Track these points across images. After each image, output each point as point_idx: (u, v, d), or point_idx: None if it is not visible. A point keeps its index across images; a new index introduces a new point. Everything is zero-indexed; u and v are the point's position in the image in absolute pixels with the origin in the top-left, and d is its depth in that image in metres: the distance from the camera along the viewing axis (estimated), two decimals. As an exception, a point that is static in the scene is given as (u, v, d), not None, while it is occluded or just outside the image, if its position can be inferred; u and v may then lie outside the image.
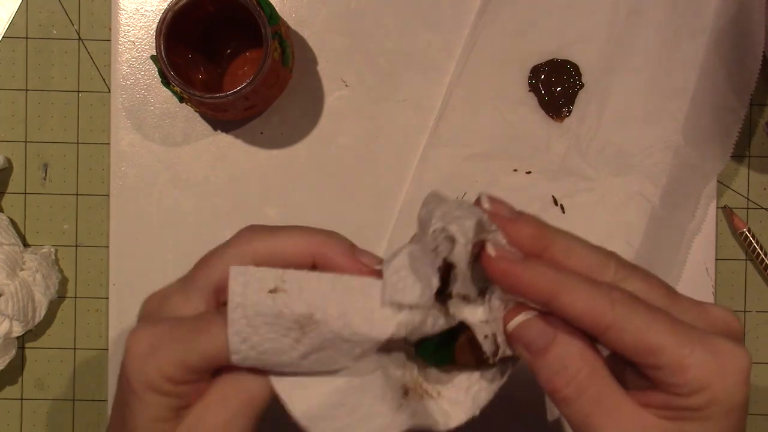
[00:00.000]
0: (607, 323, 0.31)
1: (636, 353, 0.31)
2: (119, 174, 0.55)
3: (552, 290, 0.31)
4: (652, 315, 0.31)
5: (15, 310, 0.53)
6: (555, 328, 0.32)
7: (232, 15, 0.51)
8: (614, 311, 0.31)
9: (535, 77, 0.55)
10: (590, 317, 0.31)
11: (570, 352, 0.32)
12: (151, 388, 0.33)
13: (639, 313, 0.31)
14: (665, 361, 0.31)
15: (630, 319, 0.31)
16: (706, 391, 0.31)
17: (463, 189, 0.55)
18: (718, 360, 0.31)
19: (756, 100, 0.56)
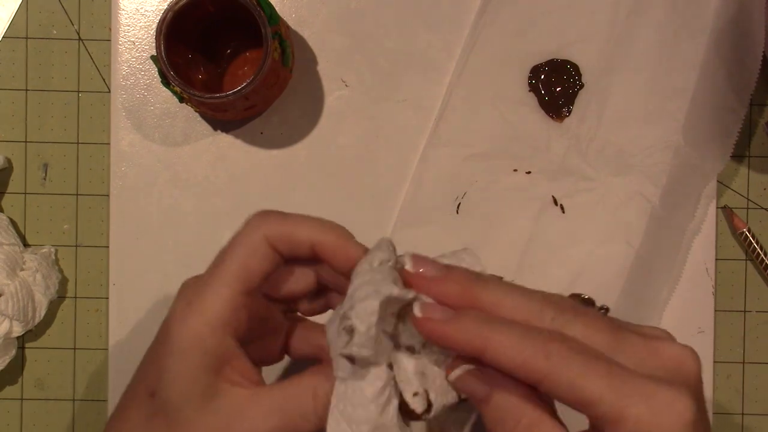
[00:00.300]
0: (542, 375, 0.30)
1: (573, 404, 0.31)
2: (119, 174, 0.55)
3: (481, 345, 0.31)
4: (589, 365, 0.30)
5: (15, 310, 0.53)
6: (492, 379, 0.32)
7: (232, 15, 0.51)
8: (549, 362, 0.30)
9: (535, 77, 0.55)
10: (523, 369, 0.31)
11: (508, 403, 0.32)
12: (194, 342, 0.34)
13: (575, 363, 0.30)
14: (602, 413, 0.30)
15: (565, 371, 0.30)
16: None
17: (463, 189, 0.55)
18: (656, 413, 0.30)
19: (756, 100, 0.56)
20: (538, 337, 0.31)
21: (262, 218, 0.36)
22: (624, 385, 0.30)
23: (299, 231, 0.36)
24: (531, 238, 0.55)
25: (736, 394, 0.56)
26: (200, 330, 0.34)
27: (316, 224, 0.36)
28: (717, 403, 0.56)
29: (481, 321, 0.32)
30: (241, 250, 0.36)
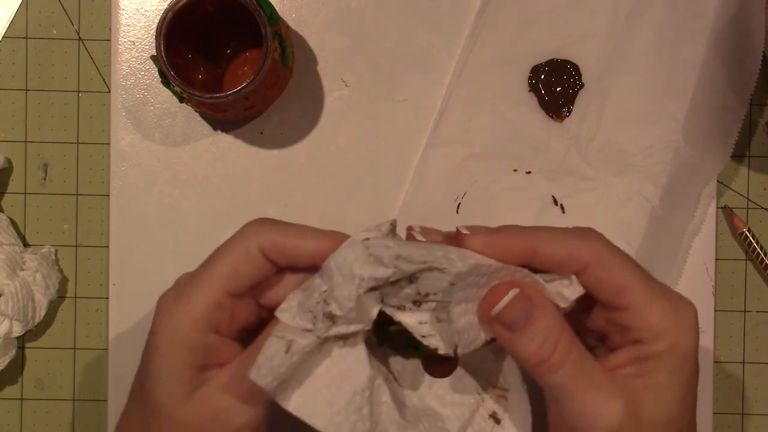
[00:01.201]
0: (587, 261, 0.34)
1: (609, 291, 0.34)
2: (119, 174, 0.55)
3: (531, 244, 0.34)
4: (626, 260, 0.34)
5: (15, 310, 0.53)
6: (532, 301, 0.34)
7: (232, 15, 0.51)
8: (593, 249, 0.34)
9: (535, 77, 0.55)
10: (572, 257, 0.34)
11: (550, 323, 0.34)
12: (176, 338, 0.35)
13: (615, 255, 0.34)
14: (632, 303, 0.34)
15: (607, 259, 0.34)
16: (666, 338, 0.33)
17: (463, 189, 0.55)
18: (676, 311, 0.34)
19: (756, 100, 0.56)
20: (576, 230, 0.35)
21: (258, 226, 0.36)
22: (652, 282, 0.34)
23: (295, 241, 0.36)
24: (531, 238, 0.55)
25: (736, 394, 0.56)
26: (183, 325, 0.35)
27: (312, 233, 0.36)
28: (717, 403, 0.56)
29: (524, 228, 0.35)
30: (233, 254, 0.36)
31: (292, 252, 0.35)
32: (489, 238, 0.34)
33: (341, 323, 0.34)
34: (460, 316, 0.35)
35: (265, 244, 0.35)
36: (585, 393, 0.33)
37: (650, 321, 0.34)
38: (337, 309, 0.34)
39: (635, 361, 0.34)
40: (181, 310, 0.35)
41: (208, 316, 0.35)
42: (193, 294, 0.35)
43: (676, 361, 0.34)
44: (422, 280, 0.34)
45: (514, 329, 0.34)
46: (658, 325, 0.34)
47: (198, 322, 0.35)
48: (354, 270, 0.33)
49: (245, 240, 0.36)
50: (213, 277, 0.35)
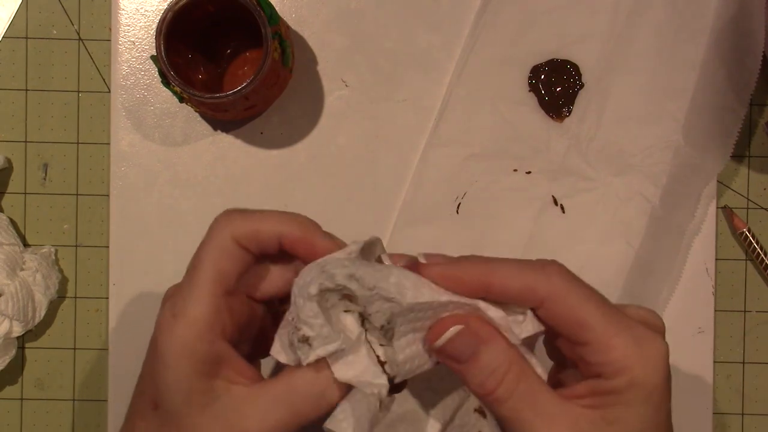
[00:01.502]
0: (544, 295, 0.33)
1: (567, 326, 0.33)
2: (119, 174, 0.55)
3: (487, 276, 0.34)
4: (587, 294, 0.34)
5: (15, 310, 0.53)
6: (478, 335, 0.34)
7: (232, 15, 0.51)
8: (551, 284, 0.33)
9: (535, 77, 0.55)
10: (527, 292, 0.33)
11: (497, 357, 0.34)
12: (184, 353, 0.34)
13: (574, 288, 0.34)
14: (592, 338, 0.33)
15: (566, 293, 0.33)
16: (627, 374, 0.33)
17: (463, 189, 0.55)
18: (639, 345, 0.33)
19: (756, 100, 0.56)
20: (536, 263, 0.34)
21: (226, 218, 0.37)
22: (615, 317, 0.33)
23: (263, 227, 0.36)
24: (531, 238, 0.55)
25: (736, 394, 0.56)
26: (188, 339, 0.35)
27: (279, 218, 0.36)
28: (717, 403, 0.56)
29: (483, 259, 0.34)
30: (213, 253, 0.36)
31: (264, 238, 0.36)
32: (444, 269, 0.34)
33: (317, 345, 0.34)
34: (405, 347, 0.35)
35: (237, 234, 0.36)
36: (532, 424, 0.33)
37: (611, 356, 0.33)
38: (308, 330, 0.34)
39: (594, 394, 0.34)
40: (182, 325, 0.35)
41: (211, 324, 0.35)
42: (188, 307, 0.35)
43: (638, 397, 0.33)
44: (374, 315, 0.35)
45: (460, 362, 0.34)
46: (618, 361, 0.33)
47: (203, 333, 0.35)
48: (310, 290, 0.34)
49: (218, 236, 0.36)
50: (201, 284, 0.35)
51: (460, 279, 0.34)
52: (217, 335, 0.35)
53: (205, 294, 0.35)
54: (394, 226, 0.55)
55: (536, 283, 0.34)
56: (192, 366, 0.34)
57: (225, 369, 0.35)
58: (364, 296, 0.34)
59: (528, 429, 0.33)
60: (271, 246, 0.36)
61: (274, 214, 0.37)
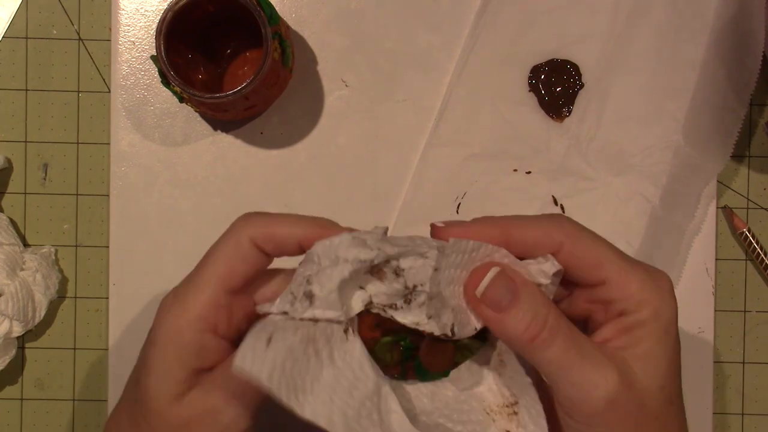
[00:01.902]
0: (560, 241, 0.35)
1: (586, 267, 0.35)
2: (119, 174, 0.55)
3: (505, 230, 0.35)
4: (597, 236, 0.36)
5: (15, 310, 0.53)
6: (516, 280, 0.35)
7: (232, 15, 0.51)
8: (564, 231, 0.35)
9: (535, 77, 0.55)
10: (545, 237, 0.35)
11: (536, 299, 0.34)
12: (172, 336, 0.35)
13: (586, 233, 0.35)
14: (610, 275, 0.34)
15: (579, 237, 0.35)
16: (647, 305, 0.34)
17: (463, 189, 0.55)
18: (654, 279, 0.35)
19: (756, 100, 0.56)
20: (546, 215, 0.36)
21: (246, 220, 0.37)
22: (624, 255, 0.35)
23: (281, 228, 0.36)
24: (531, 238, 0.55)
25: (736, 394, 0.56)
26: (179, 324, 0.35)
27: (298, 220, 0.37)
28: (717, 403, 0.56)
29: (498, 217, 0.36)
30: (227, 251, 0.36)
31: (282, 239, 0.36)
32: (463, 228, 0.35)
33: (318, 305, 0.34)
34: (450, 298, 0.35)
35: (255, 234, 0.36)
36: (579, 365, 0.33)
37: (630, 290, 0.34)
38: (318, 289, 0.34)
39: (621, 332, 0.35)
40: (179, 309, 0.35)
41: (206, 315, 0.35)
42: (189, 294, 0.36)
43: (661, 328, 0.34)
44: (408, 271, 0.35)
45: (500, 309, 0.34)
46: (639, 293, 0.34)
47: (195, 321, 0.35)
48: (339, 253, 0.34)
49: (236, 234, 0.36)
50: (208, 276, 0.36)
51: (480, 235, 0.35)
52: (208, 328, 0.35)
53: (207, 286, 0.35)
54: (394, 226, 0.55)
55: (552, 230, 0.35)
56: (175, 351, 0.35)
57: (210, 364, 0.36)
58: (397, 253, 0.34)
59: (575, 371, 0.33)
60: (289, 248, 0.36)
61: (293, 217, 0.37)
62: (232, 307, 0.36)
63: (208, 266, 0.36)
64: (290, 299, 0.35)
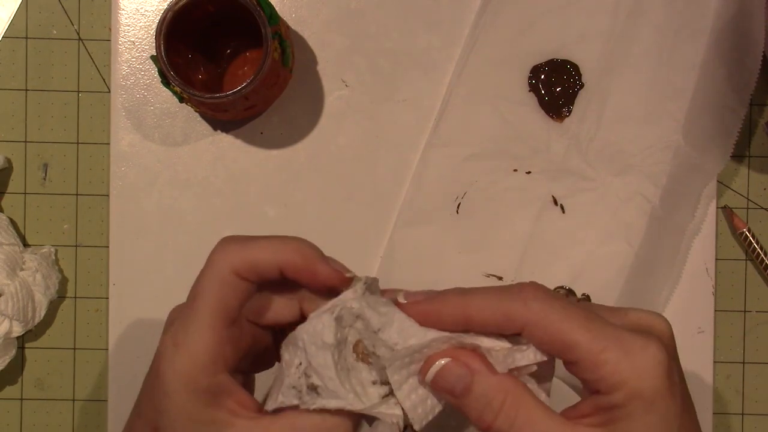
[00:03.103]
0: (524, 322, 0.33)
1: (553, 348, 0.33)
2: (119, 174, 0.55)
3: (464, 309, 0.33)
4: (566, 311, 0.32)
5: (15, 310, 0.53)
6: (470, 367, 0.33)
7: (232, 15, 0.51)
8: (528, 309, 0.33)
9: (535, 77, 0.55)
10: (505, 321, 0.33)
11: (490, 386, 0.33)
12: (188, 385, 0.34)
13: (554, 309, 0.33)
14: (580, 357, 0.32)
15: (544, 316, 0.32)
16: (623, 387, 0.32)
17: (463, 189, 0.55)
18: (630, 356, 0.32)
19: (756, 100, 0.56)
20: (513, 289, 0.33)
21: (222, 250, 0.36)
22: (601, 330, 0.32)
23: (261, 257, 0.35)
24: (531, 238, 0.55)
25: (736, 394, 0.56)
26: (190, 371, 0.34)
27: (277, 247, 0.35)
28: (717, 403, 0.56)
29: (460, 291, 0.34)
30: (214, 285, 0.35)
31: (263, 269, 0.35)
32: (423, 306, 0.34)
33: (326, 396, 0.34)
34: (410, 393, 0.35)
35: (235, 265, 0.35)
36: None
37: (600, 373, 0.32)
38: (317, 379, 0.34)
39: (598, 411, 0.33)
40: (184, 356, 0.34)
41: (213, 356, 0.34)
42: (189, 338, 0.34)
43: (640, 408, 0.32)
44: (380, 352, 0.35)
45: (455, 395, 0.34)
46: (611, 375, 0.32)
47: (205, 366, 0.34)
48: (325, 338, 0.34)
49: (217, 267, 0.35)
50: (203, 315, 0.35)
51: (439, 315, 0.34)
52: (219, 367, 0.34)
53: (207, 325, 0.35)
54: (394, 226, 0.55)
55: (513, 311, 0.33)
56: (193, 397, 0.34)
57: (226, 400, 0.35)
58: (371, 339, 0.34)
59: None
60: (271, 274, 0.35)
61: (272, 242, 0.36)
62: (234, 337, 0.35)
63: (200, 305, 0.35)
64: (295, 393, 0.34)
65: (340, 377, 0.34)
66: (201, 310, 0.35)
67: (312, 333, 0.34)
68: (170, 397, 0.34)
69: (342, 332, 0.34)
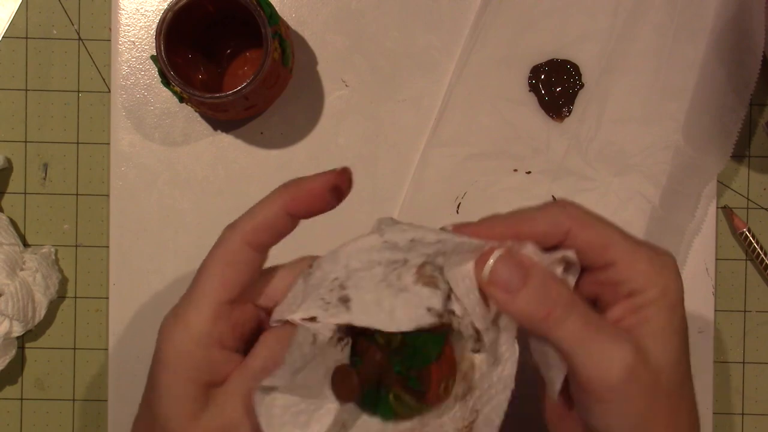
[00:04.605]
0: (567, 229, 0.35)
1: (594, 249, 0.35)
2: (119, 174, 0.55)
3: (515, 224, 0.35)
4: (603, 219, 0.36)
5: (15, 310, 0.53)
6: (523, 261, 0.35)
7: (232, 15, 0.51)
8: (570, 216, 0.35)
9: (535, 77, 0.55)
10: (554, 230, 0.35)
11: (546, 277, 0.34)
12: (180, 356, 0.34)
13: (591, 216, 0.36)
14: (618, 256, 0.35)
15: (585, 221, 0.36)
16: (656, 284, 0.35)
17: (463, 189, 0.55)
18: (660, 258, 0.35)
19: (756, 100, 0.56)
20: (554, 203, 0.37)
21: (231, 227, 0.37)
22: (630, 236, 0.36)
23: (265, 212, 0.36)
24: (531, 238, 0.55)
25: (736, 394, 0.56)
26: (185, 345, 0.35)
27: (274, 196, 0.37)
28: (717, 403, 0.56)
29: (502, 215, 0.36)
30: (219, 262, 0.36)
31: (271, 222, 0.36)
32: (473, 229, 0.35)
33: (355, 311, 0.33)
34: (468, 293, 0.35)
35: (246, 234, 0.36)
36: (597, 340, 0.33)
37: (638, 269, 0.35)
38: (354, 292, 0.33)
39: (632, 312, 0.35)
40: (182, 329, 0.35)
41: (210, 331, 0.35)
42: (189, 311, 0.35)
43: (669, 307, 0.35)
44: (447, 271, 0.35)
45: (511, 291, 0.34)
46: (646, 272, 0.35)
47: (201, 338, 0.35)
48: (372, 256, 0.34)
49: (225, 242, 0.36)
50: (206, 291, 0.35)
51: (491, 233, 0.35)
52: (214, 343, 0.35)
53: (207, 301, 0.35)
54: (394, 226, 0.55)
55: (558, 218, 0.35)
56: (186, 372, 0.35)
57: (221, 378, 0.35)
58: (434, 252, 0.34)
59: (594, 347, 0.33)
60: (280, 226, 0.36)
61: (267, 198, 0.37)
62: (235, 317, 0.36)
63: (203, 280, 0.36)
64: (321, 304, 0.34)
65: (381, 295, 0.34)
66: (204, 285, 0.35)
67: (357, 248, 0.34)
68: (164, 371, 0.35)
69: (395, 254, 0.34)
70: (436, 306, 0.34)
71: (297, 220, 0.36)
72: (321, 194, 0.36)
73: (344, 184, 0.37)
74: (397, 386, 0.35)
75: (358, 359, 0.35)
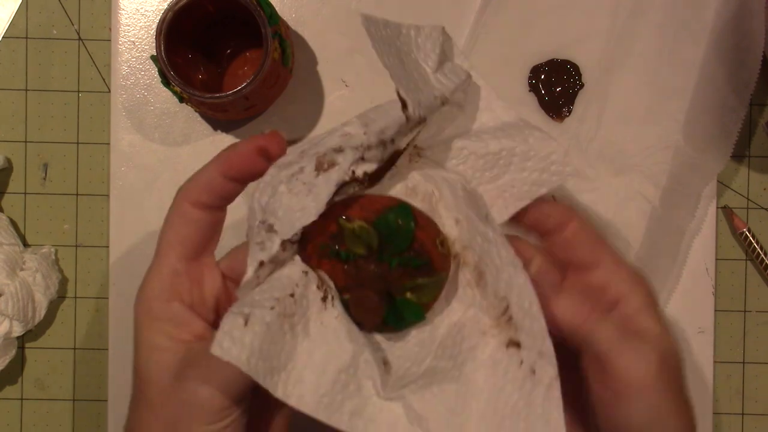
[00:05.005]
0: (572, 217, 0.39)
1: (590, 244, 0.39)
2: (119, 174, 0.55)
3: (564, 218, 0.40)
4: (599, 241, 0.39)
5: (15, 310, 0.53)
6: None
7: (232, 15, 0.51)
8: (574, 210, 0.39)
9: (535, 77, 0.55)
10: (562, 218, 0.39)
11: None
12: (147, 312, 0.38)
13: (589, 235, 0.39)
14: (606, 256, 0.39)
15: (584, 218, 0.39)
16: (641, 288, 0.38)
17: (463, 189, 0.55)
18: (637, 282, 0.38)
19: (756, 100, 0.56)
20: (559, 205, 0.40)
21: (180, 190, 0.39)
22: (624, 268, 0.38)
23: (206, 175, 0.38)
24: (531, 238, 0.55)
25: (736, 394, 0.56)
26: (146, 298, 0.38)
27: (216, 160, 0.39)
28: (717, 403, 0.56)
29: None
30: (170, 223, 0.38)
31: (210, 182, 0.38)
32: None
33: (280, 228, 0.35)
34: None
35: (190, 195, 0.38)
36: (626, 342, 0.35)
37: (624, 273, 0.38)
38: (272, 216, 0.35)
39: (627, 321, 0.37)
40: (145, 289, 0.38)
41: (167, 285, 0.37)
42: (150, 273, 0.38)
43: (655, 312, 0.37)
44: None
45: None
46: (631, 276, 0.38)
47: (160, 293, 0.37)
48: (273, 182, 0.35)
49: (174, 206, 0.39)
50: (161, 251, 0.38)
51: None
52: (173, 296, 0.37)
53: (163, 261, 0.37)
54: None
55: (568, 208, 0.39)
56: (150, 324, 0.37)
57: (184, 333, 0.37)
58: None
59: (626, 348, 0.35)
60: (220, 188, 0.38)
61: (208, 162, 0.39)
62: (192, 273, 0.37)
63: (159, 244, 0.38)
64: (259, 248, 0.35)
65: (292, 202, 0.35)
66: (161, 246, 0.38)
67: (262, 187, 0.36)
68: (139, 327, 0.38)
69: (290, 168, 0.35)
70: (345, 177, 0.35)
71: (238, 183, 0.38)
72: (250, 156, 0.37)
73: (273, 146, 0.37)
74: (405, 278, 0.36)
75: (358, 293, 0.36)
